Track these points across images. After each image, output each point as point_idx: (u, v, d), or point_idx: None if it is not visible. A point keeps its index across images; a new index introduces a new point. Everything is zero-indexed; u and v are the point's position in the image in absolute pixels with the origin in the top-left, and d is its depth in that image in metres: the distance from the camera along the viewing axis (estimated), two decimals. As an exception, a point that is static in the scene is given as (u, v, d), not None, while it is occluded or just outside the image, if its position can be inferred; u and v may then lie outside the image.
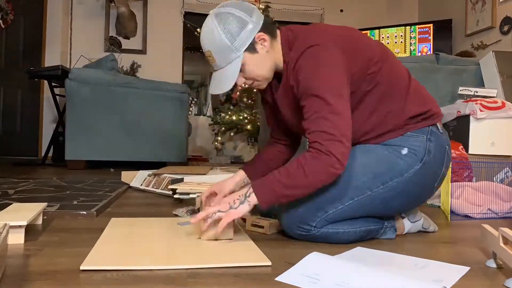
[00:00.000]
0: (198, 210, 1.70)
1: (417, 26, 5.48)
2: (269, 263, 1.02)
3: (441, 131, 1.31)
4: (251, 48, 1.20)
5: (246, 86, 1.28)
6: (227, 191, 1.39)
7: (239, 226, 1.37)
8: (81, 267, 0.95)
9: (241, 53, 1.19)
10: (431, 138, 1.26)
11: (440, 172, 1.29)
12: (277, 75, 1.31)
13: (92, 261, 1.00)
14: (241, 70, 1.22)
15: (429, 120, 1.27)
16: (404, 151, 1.24)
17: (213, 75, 1.25)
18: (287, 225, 1.26)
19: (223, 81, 1.21)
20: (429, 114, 1.27)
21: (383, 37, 5.53)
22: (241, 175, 1.47)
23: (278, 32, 1.27)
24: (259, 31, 1.20)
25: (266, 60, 1.24)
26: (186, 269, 0.98)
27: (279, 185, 1.13)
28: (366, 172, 1.23)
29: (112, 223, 1.44)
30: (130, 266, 0.98)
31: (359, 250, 1.19)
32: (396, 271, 0.98)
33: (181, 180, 2.22)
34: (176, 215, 1.64)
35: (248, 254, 1.09)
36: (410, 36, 5.43)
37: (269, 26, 1.23)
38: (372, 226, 1.29)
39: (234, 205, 1.15)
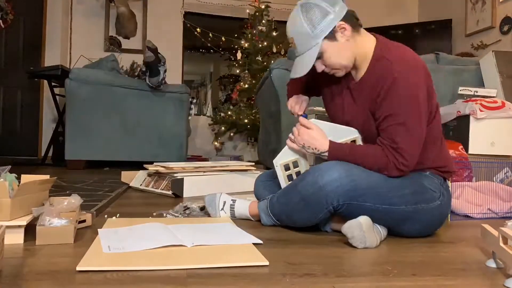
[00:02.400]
0: (203, 208, 1.70)
1: (417, 26, 5.48)
2: (267, 263, 1.02)
3: (448, 185, 1.43)
4: (331, 36, 1.26)
5: (326, 71, 1.35)
6: (305, 99, 1.55)
7: (238, 228, 1.36)
8: (77, 268, 0.95)
9: (320, 41, 1.26)
10: (443, 185, 1.36)
11: (444, 218, 1.38)
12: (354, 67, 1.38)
13: (88, 262, 1.00)
14: (320, 57, 1.29)
15: (446, 174, 1.39)
16: (427, 185, 1.32)
17: (295, 61, 1.34)
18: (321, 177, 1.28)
19: (300, 66, 1.30)
20: (447, 169, 1.39)
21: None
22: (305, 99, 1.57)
23: (363, 30, 1.34)
24: (341, 21, 1.26)
25: (346, 49, 1.29)
26: (186, 269, 0.98)
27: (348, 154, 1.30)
28: (408, 186, 1.29)
29: (108, 224, 1.44)
30: (128, 266, 0.98)
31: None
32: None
33: (181, 180, 2.22)
34: (161, 215, 1.64)
35: (246, 255, 1.09)
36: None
37: (352, 18, 1.30)
38: None
39: (307, 149, 1.38)
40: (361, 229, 1.21)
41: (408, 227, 1.31)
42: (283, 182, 1.46)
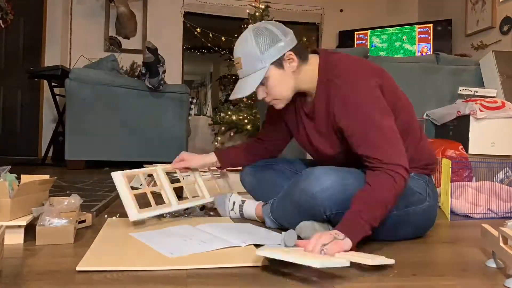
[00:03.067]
0: (203, 208, 1.71)
1: (417, 26, 5.48)
2: (267, 263, 1.03)
3: (434, 182, 1.41)
4: (278, 64, 1.25)
5: (265, 101, 1.32)
6: (194, 165, 1.62)
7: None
8: (77, 268, 0.95)
9: (267, 65, 1.24)
10: (429, 184, 1.35)
11: (434, 218, 1.38)
12: (300, 96, 1.37)
13: (88, 262, 1.00)
14: (264, 83, 1.27)
15: (429, 170, 1.38)
16: (414, 188, 1.30)
17: (238, 83, 1.31)
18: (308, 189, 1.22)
19: (244, 87, 1.27)
20: (430, 165, 1.38)
21: (384, 37, 5.54)
22: (211, 158, 1.62)
23: (313, 56, 1.32)
24: (290, 51, 1.26)
25: (289, 80, 1.28)
26: (186, 269, 0.98)
27: (361, 214, 1.11)
28: None
29: (108, 223, 1.44)
30: (128, 267, 0.98)
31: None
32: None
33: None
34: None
35: (247, 256, 1.09)
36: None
37: (301, 50, 1.29)
38: None
39: (338, 237, 1.06)
40: (314, 229, 1.22)
41: (402, 232, 1.31)
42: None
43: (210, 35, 5.76)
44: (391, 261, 1.03)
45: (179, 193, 1.70)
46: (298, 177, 1.30)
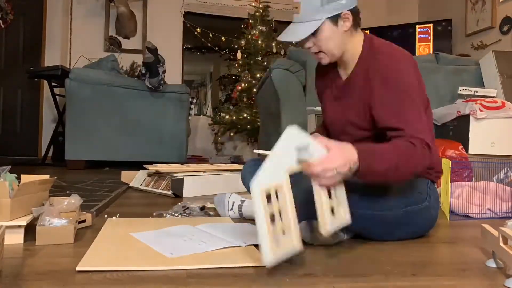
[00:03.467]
0: (203, 208, 1.70)
1: (417, 26, 5.48)
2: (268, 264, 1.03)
3: (435, 187, 1.40)
4: (334, 20, 1.26)
5: (311, 50, 1.32)
6: None
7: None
8: (77, 268, 0.95)
9: (324, 18, 1.25)
10: (430, 187, 1.35)
11: (435, 219, 1.37)
12: (336, 67, 1.39)
13: (88, 262, 1.00)
14: (315, 34, 1.27)
15: (433, 176, 1.38)
16: (414, 188, 1.31)
17: (289, 26, 1.31)
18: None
19: (295, 33, 1.28)
20: (436, 170, 1.39)
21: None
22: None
23: (360, 31, 1.34)
24: (348, 10, 1.27)
25: (340, 38, 1.29)
26: (186, 269, 0.98)
27: (385, 158, 1.12)
28: (396, 190, 1.27)
29: (108, 223, 1.44)
30: (128, 267, 0.98)
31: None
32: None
33: (181, 180, 2.22)
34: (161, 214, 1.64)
35: (246, 255, 1.09)
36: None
37: (357, 14, 1.30)
38: None
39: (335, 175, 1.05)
40: (313, 226, 1.21)
41: (401, 232, 1.30)
42: (262, 221, 0.95)
43: (210, 35, 5.76)
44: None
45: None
46: (298, 176, 1.25)
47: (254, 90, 4.86)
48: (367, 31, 5.63)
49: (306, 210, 1.14)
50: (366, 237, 1.29)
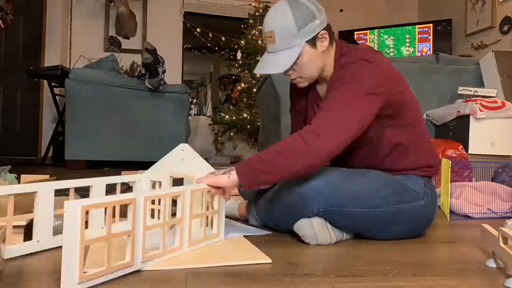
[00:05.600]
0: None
1: (416, 26, 5.48)
2: (269, 261, 1.03)
3: (433, 185, 1.39)
4: (312, 42, 1.22)
5: (290, 77, 1.28)
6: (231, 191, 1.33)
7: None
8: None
9: (303, 43, 1.21)
10: (427, 185, 1.33)
11: (432, 217, 1.35)
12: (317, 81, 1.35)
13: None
14: (296, 61, 1.23)
15: (431, 172, 1.35)
16: (410, 186, 1.30)
17: (265, 57, 1.25)
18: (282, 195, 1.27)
19: (277, 63, 1.21)
20: (434, 169, 1.36)
21: (385, 37, 5.54)
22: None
23: (333, 41, 1.31)
24: (323, 30, 1.24)
25: (319, 59, 1.26)
26: (185, 268, 0.98)
27: (257, 160, 1.13)
28: (388, 187, 1.26)
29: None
30: (131, 268, 0.97)
31: None
32: None
33: (181, 180, 2.21)
34: None
35: (248, 253, 1.09)
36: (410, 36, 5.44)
37: (330, 31, 1.28)
38: None
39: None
40: (312, 227, 1.21)
41: (395, 230, 1.28)
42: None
43: (210, 35, 5.76)
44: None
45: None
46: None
47: (254, 90, 4.86)
48: (367, 31, 5.65)
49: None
50: (362, 236, 1.30)
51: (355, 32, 5.80)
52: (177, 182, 1.34)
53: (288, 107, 1.56)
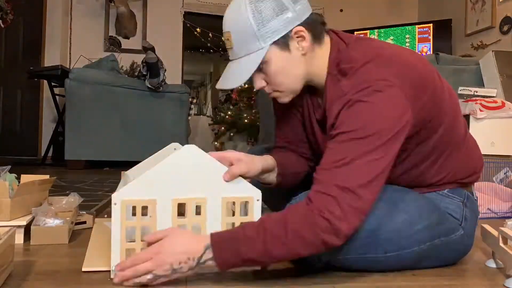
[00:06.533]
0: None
1: (416, 26, 5.48)
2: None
3: (475, 197, 1.10)
4: (283, 43, 0.92)
5: (265, 91, 0.99)
6: (255, 170, 1.02)
7: None
8: (83, 269, 0.95)
9: (267, 45, 0.91)
10: (467, 203, 1.04)
11: (469, 248, 1.07)
12: (309, 92, 1.06)
13: (92, 262, 1.00)
14: (262, 69, 0.95)
15: (469, 183, 1.08)
16: (446, 210, 1.02)
17: (228, 66, 0.98)
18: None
19: (237, 74, 0.95)
20: (472, 178, 1.07)
21: (384, 38, 5.54)
22: (272, 160, 1.09)
23: (326, 37, 0.99)
24: (300, 25, 0.92)
25: (298, 66, 0.95)
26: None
27: (248, 244, 0.82)
28: (424, 217, 0.96)
29: (99, 224, 1.42)
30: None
31: None
32: None
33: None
34: None
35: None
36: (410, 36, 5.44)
37: (315, 25, 0.95)
38: None
39: (180, 269, 0.84)
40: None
41: (425, 266, 1.01)
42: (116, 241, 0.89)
43: (210, 35, 5.76)
44: None
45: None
46: (295, 201, 0.94)
47: (254, 90, 4.86)
48: (367, 31, 5.65)
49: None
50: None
51: (355, 32, 5.80)
52: None
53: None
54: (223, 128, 5.39)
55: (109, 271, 0.92)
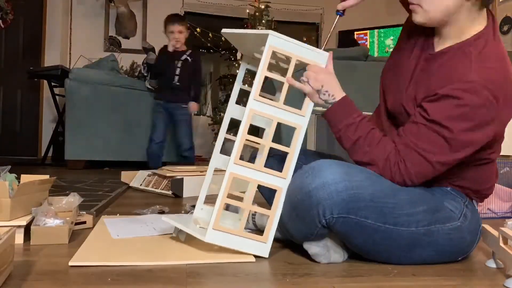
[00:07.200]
0: (163, 212, 1.70)
1: (417, 26, 5.48)
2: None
3: (477, 208, 1.17)
4: None
5: (411, 1, 1.09)
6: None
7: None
8: (70, 263, 0.97)
9: None
10: (468, 205, 1.11)
11: (467, 245, 1.10)
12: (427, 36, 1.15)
13: (81, 257, 1.01)
14: None
15: (476, 196, 1.15)
16: (446, 204, 1.08)
17: None
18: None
19: None
20: (484, 192, 1.16)
21: (385, 38, 5.54)
22: None
23: (486, 14, 1.08)
24: None
25: (455, 2, 1.00)
26: (186, 264, 0.98)
27: (351, 128, 1.09)
28: (423, 201, 1.05)
29: (101, 222, 1.44)
30: (121, 262, 0.99)
31: None
32: None
33: (181, 180, 2.22)
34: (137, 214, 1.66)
35: (232, 251, 1.08)
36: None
37: None
38: None
39: (320, 92, 1.12)
40: (326, 245, 1.06)
41: (419, 254, 1.05)
42: None
43: (210, 35, 5.76)
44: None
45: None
46: (298, 172, 1.07)
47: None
48: (367, 31, 5.65)
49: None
50: (373, 260, 1.07)
51: (355, 32, 5.80)
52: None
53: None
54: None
55: (109, 270, 0.93)
